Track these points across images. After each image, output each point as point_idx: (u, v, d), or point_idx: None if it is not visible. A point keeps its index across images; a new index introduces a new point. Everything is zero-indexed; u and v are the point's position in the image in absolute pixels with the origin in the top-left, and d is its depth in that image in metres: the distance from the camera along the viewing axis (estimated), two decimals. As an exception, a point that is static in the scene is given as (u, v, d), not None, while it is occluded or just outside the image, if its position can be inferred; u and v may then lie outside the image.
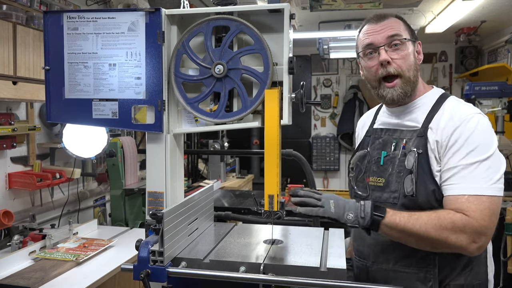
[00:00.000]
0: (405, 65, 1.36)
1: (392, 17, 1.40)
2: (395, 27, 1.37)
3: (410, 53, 1.37)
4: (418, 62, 1.41)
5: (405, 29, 1.39)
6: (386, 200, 1.36)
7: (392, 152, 1.39)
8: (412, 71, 1.37)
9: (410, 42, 1.38)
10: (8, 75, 2.06)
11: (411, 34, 1.40)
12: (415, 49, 1.41)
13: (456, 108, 1.32)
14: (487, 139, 1.25)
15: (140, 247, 1.26)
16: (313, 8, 4.09)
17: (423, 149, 1.31)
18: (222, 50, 1.36)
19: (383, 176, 1.39)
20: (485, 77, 5.09)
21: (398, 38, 1.36)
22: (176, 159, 1.50)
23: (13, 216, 2.18)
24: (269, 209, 1.23)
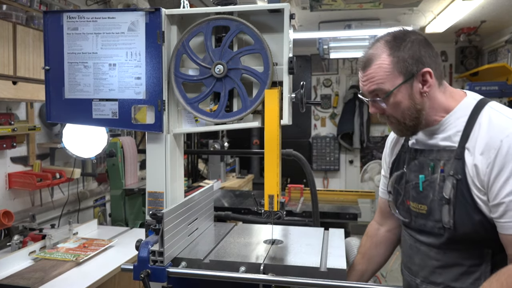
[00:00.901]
0: (396, 113, 1.24)
1: (376, 63, 1.22)
2: (375, 79, 1.22)
3: (401, 100, 1.21)
4: (421, 98, 1.22)
5: (390, 74, 1.20)
6: (431, 229, 1.26)
7: (431, 175, 1.26)
8: (408, 115, 1.23)
9: (402, 86, 1.20)
10: (8, 75, 2.06)
11: (403, 71, 1.20)
12: (413, 89, 1.21)
13: (494, 123, 1.15)
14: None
15: (140, 247, 1.26)
16: (313, 8, 4.09)
17: (461, 174, 1.17)
18: (222, 50, 1.36)
19: (425, 202, 1.27)
20: (485, 77, 5.09)
21: (379, 93, 1.22)
22: (176, 159, 1.50)
23: (13, 216, 2.18)
24: (269, 209, 1.23)
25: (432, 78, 1.21)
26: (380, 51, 1.22)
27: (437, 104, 1.25)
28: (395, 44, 1.21)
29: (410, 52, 1.20)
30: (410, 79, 1.20)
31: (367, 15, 4.60)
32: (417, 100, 1.22)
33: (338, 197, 3.57)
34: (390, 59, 1.20)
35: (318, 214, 2.42)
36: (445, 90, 1.27)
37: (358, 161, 6.59)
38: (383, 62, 1.21)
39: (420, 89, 1.22)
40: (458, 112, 1.24)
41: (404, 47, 1.21)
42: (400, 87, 1.20)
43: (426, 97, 1.23)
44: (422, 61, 1.20)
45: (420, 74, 1.20)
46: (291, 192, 3.50)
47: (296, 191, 3.49)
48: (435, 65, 1.23)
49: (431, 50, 1.24)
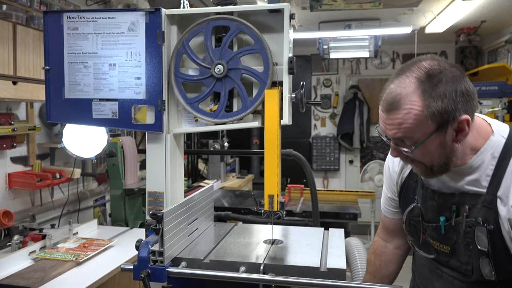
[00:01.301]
0: (424, 160, 1.11)
1: (405, 108, 1.04)
2: (403, 127, 1.06)
3: (431, 149, 1.08)
4: (453, 145, 1.09)
5: (424, 120, 1.04)
6: (457, 268, 1.22)
7: (453, 219, 1.17)
8: (436, 162, 1.10)
9: (434, 134, 1.05)
10: (8, 75, 2.06)
11: (440, 118, 1.03)
12: (448, 135, 1.07)
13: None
14: None
15: (140, 247, 1.26)
16: (313, 8, 4.09)
17: (493, 224, 1.09)
18: (222, 50, 1.36)
19: (447, 243, 1.21)
20: (485, 77, 5.09)
21: (407, 142, 1.09)
22: (176, 159, 1.50)
23: (13, 216, 2.18)
24: (269, 209, 1.23)
25: (469, 126, 1.06)
26: (411, 91, 1.04)
27: (466, 145, 1.13)
28: (430, 85, 1.04)
29: (447, 96, 1.03)
30: (444, 126, 1.05)
31: (367, 15, 4.60)
32: (449, 148, 1.09)
33: (338, 197, 3.58)
34: (423, 104, 1.03)
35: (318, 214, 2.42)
36: (473, 127, 1.11)
37: (358, 161, 6.59)
38: (414, 107, 1.04)
39: (453, 136, 1.07)
40: (485, 153, 1.12)
41: (439, 90, 1.03)
42: (431, 136, 1.06)
43: (456, 146, 1.10)
44: (459, 108, 1.04)
45: (456, 122, 1.05)
46: (291, 192, 3.50)
47: (296, 191, 3.49)
48: (472, 107, 1.07)
49: (469, 89, 1.07)
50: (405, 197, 1.36)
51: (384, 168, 1.46)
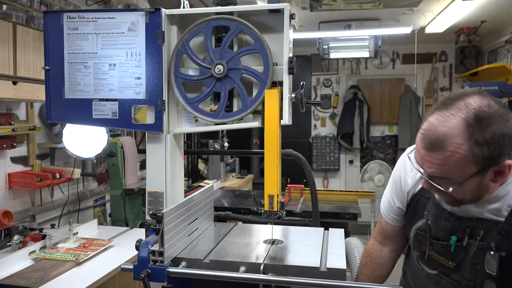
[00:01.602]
0: (458, 195, 1.11)
1: (450, 149, 1.01)
2: (444, 168, 1.04)
3: (467, 190, 1.07)
4: (491, 184, 1.09)
5: (466, 163, 1.02)
6: (458, 281, 1.23)
7: (466, 240, 1.17)
8: (469, 197, 1.11)
9: (474, 177, 1.04)
10: (8, 75, 2.06)
11: (484, 163, 1.02)
12: (486, 176, 1.05)
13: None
14: None
15: (140, 247, 1.26)
16: (313, 8, 4.09)
17: (507, 252, 1.10)
18: (222, 50, 1.36)
19: (454, 260, 1.22)
20: (485, 77, 5.09)
21: (445, 181, 1.07)
22: (176, 159, 1.50)
23: (13, 216, 2.18)
24: (269, 209, 1.23)
25: (511, 171, 1.06)
26: (457, 133, 1.00)
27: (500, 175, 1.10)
28: (478, 129, 0.99)
29: (494, 142, 1.00)
30: (485, 170, 1.03)
31: (367, 15, 4.60)
32: (484, 188, 1.09)
33: (338, 197, 3.57)
34: (468, 148, 1.00)
35: (318, 214, 2.42)
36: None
37: (358, 161, 6.59)
38: (459, 150, 1.00)
39: (492, 177, 1.06)
40: (510, 185, 1.12)
41: (487, 135, 0.99)
42: (471, 178, 1.04)
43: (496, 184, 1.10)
44: (505, 153, 1.01)
45: (499, 166, 1.04)
46: (291, 192, 3.50)
47: (296, 191, 3.49)
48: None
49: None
50: (414, 210, 1.35)
51: (393, 174, 1.44)
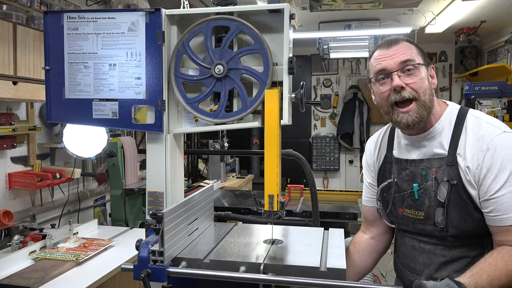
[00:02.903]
0: (420, 89, 1.31)
1: (404, 42, 1.36)
2: (407, 52, 1.32)
3: (424, 78, 1.32)
4: (432, 86, 1.36)
5: (418, 54, 1.34)
6: (432, 232, 1.35)
7: (424, 183, 1.35)
8: (427, 95, 1.31)
9: (423, 67, 1.33)
10: (8, 75, 2.06)
11: (424, 58, 1.35)
12: (429, 73, 1.36)
13: (479, 128, 1.27)
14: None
15: (140, 247, 1.26)
16: (313, 8, 4.09)
17: (457, 179, 1.28)
18: (222, 50, 1.36)
19: (421, 209, 1.36)
20: (485, 77, 5.09)
21: (411, 63, 1.31)
22: (176, 159, 1.51)
23: (13, 216, 2.18)
24: (269, 209, 1.24)
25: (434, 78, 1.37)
26: (401, 39, 1.37)
27: (435, 109, 1.35)
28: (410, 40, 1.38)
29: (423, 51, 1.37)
30: (427, 66, 1.35)
31: (367, 15, 4.61)
32: (430, 87, 1.34)
33: (338, 197, 3.57)
34: (414, 46, 1.35)
35: (318, 214, 2.42)
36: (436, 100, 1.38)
37: (358, 161, 6.59)
38: (411, 45, 1.35)
39: (430, 79, 1.35)
40: (444, 120, 1.35)
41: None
42: (423, 66, 1.32)
43: (433, 92, 1.35)
44: (429, 61, 1.37)
45: (430, 67, 1.37)
46: (291, 192, 3.50)
47: (296, 191, 3.49)
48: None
49: None
50: (383, 177, 1.49)
51: (363, 159, 1.64)
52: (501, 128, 1.26)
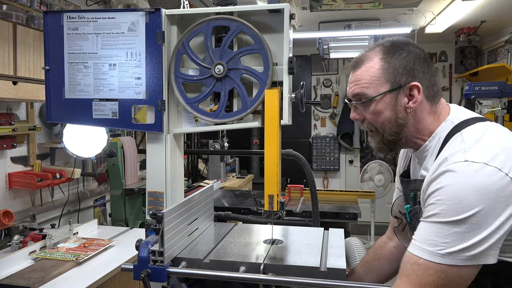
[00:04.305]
0: (376, 123, 1.15)
1: (364, 64, 1.14)
2: (360, 83, 1.14)
3: (383, 110, 1.12)
4: (406, 113, 1.12)
5: (378, 79, 1.11)
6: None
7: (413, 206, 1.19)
8: (388, 127, 1.13)
9: (387, 95, 1.11)
10: (8, 75, 2.06)
11: (394, 79, 1.10)
12: (399, 100, 1.11)
13: (450, 152, 0.99)
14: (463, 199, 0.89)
15: (140, 247, 1.26)
16: (313, 8, 4.09)
17: None
18: (222, 50, 1.36)
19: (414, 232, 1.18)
20: (485, 77, 5.09)
21: (361, 98, 1.14)
22: (176, 159, 1.50)
23: (13, 216, 2.18)
24: (269, 209, 1.24)
25: (420, 94, 1.10)
26: (374, 54, 1.15)
27: (423, 126, 1.14)
28: (391, 50, 1.13)
29: (403, 62, 1.11)
30: (396, 89, 1.11)
31: (367, 15, 4.61)
32: (400, 115, 1.12)
33: (338, 197, 3.57)
34: (381, 64, 1.12)
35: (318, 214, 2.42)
36: (436, 111, 1.14)
37: (358, 161, 6.59)
38: (373, 66, 1.13)
39: (405, 103, 1.11)
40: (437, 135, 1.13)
41: (398, 56, 1.12)
42: (384, 95, 1.11)
43: (411, 114, 1.12)
44: (413, 74, 1.11)
45: (408, 87, 1.11)
46: (291, 192, 3.50)
47: (296, 191, 3.49)
48: (427, 82, 1.12)
49: (427, 66, 1.14)
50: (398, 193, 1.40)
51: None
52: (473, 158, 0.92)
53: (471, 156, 0.91)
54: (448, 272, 0.90)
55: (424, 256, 0.93)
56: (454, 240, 0.89)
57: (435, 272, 0.91)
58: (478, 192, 0.87)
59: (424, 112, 1.13)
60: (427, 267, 0.92)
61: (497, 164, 0.88)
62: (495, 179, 0.87)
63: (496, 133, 0.98)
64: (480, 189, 0.87)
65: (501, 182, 0.87)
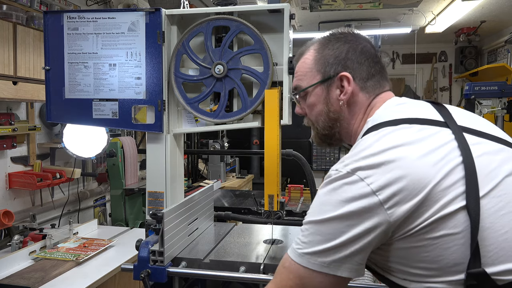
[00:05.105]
0: (311, 115, 1.10)
1: (302, 58, 1.10)
2: (297, 75, 1.10)
3: (315, 103, 1.06)
4: (338, 106, 1.03)
5: (311, 70, 1.06)
6: None
7: None
8: (321, 122, 1.07)
9: (318, 86, 1.05)
10: (8, 75, 2.06)
11: (324, 70, 1.04)
12: (331, 92, 1.04)
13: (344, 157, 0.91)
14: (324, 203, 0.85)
15: (140, 247, 1.26)
16: (313, 8, 4.09)
17: None
18: (222, 50, 1.36)
19: None
20: (485, 77, 5.09)
21: (298, 92, 1.10)
22: (176, 159, 1.51)
23: (13, 216, 2.18)
24: (269, 209, 1.24)
25: (350, 86, 1.01)
26: (311, 46, 1.10)
27: (355, 126, 1.05)
28: (326, 41, 1.07)
29: (336, 52, 1.04)
30: (327, 80, 1.04)
31: (367, 15, 4.61)
32: (332, 108, 1.04)
33: (338, 197, 3.56)
34: (314, 55, 1.07)
35: (318, 214, 2.42)
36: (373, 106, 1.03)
37: (358, 161, 6.59)
38: (308, 57, 1.08)
39: (337, 95, 1.03)
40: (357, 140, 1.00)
41: (332, 46, 1.05)
42: (315, 87, 1.05)
43: (344, 107, 1.03)
44: (344, 64, 1.02)
45: (338, 78, 1.02)
46: (291, 192, 3.50)
47: (296, 191, 3.49)
48: (363, 74, 1.02)
49: (365, 57, 1.03)
50: None
51: None
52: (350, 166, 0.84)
53: (343, 164, 0.86)
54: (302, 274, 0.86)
55: (290, 254, 0.88)
56: (311, 241, 0.84)
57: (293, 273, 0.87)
58: (337, 199, 0.83)
59: (360, 106, 1.03)
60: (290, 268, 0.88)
61: (362, 175, 0.81)
62: (355, 189, 0.81)
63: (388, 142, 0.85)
64: (339, 197, 0.83)
65: (360, 192, 0.80)
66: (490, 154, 0.84)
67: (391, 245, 0.82)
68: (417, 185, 0.77)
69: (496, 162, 0.83)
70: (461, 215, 0.77)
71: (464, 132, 0.87)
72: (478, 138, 0.88)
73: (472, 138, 0.86)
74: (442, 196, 0.77)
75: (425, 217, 0.77)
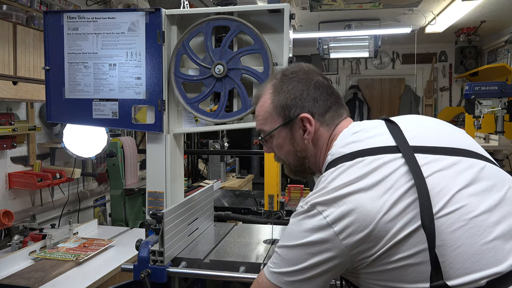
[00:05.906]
0: (281, 155, 1.13)
1: (260, 102, 1.11)
2: (259, 119, 1.12)
3: (282, 144, 1.10)
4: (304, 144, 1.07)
5: (271, 114, 1.08)
6: None
7: None
8: (291, 159, 1.10)
9: (282, 129, 1.07)
10: (8, 75, 2.06)
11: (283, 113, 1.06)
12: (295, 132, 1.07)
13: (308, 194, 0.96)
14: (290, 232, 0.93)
15: (140, 247, 1.26)
16: (313, 8, 4.09)
17: None
18: (222, 50, 1.36)
19: None
20: (485, 77, 5.09)
21: (262, 134, 1.13)
22: (176, 159, 1.51)
23: (13, 216, 2.18)
24: (269, 209, 1.24)
25: (312, 126, 1.04)
26: (267, 89, 1.11)
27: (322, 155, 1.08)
28: (280, 83, 1.09)
29: (292, 93, 1.06)
30: (288, 123, 1.06)
31: (367, 15, 4.61)
32: (299, 147, 1.08)
33: (338, 197, 3.56)
34: (272, 99, 1.08)
35: (318, 214, 2.42)
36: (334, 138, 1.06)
37: (358, 161, 6.59)
38: (266, 101, 1.10)
39: (301, 135, 1.06)
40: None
41: (286, 87, 1.07)
42: (279, 129, 1.08)
43: (310, 145, 1.07)
44: (302, 105, 1.05)
45: (299, 120, 1.05)
46: (291, 192, 3.50)
47: (296, 191, 3.49)
48: (321, 109, 1.05)
49: (320, 91, 1.06)
50: None
51: None
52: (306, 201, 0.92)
53: (306, 201, 0.93)
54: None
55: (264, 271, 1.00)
56: (279, 263, 0.95)
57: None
58: (300, 230, 0.91)
59: (322, 140, 1.07)
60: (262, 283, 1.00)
61: (320, 209, 0.88)
62: (315, 221, 0.88)
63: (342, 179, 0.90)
64: (301, 228, 0.91)
65: (318, 224, 0.88)
66: (442, 170, 0.88)
67: (360, 269, 0.89)
68: (366, 217, 0.83)
69: (448, 178, 0.86)
70: (416, 236, 0.82)
71: (416, 153, 0.90)
72: (430, 155, 0.90)
73: (423, 157, 0.89)
74: (392, 226, 0.82)
75: (379, 246, 0.84)
